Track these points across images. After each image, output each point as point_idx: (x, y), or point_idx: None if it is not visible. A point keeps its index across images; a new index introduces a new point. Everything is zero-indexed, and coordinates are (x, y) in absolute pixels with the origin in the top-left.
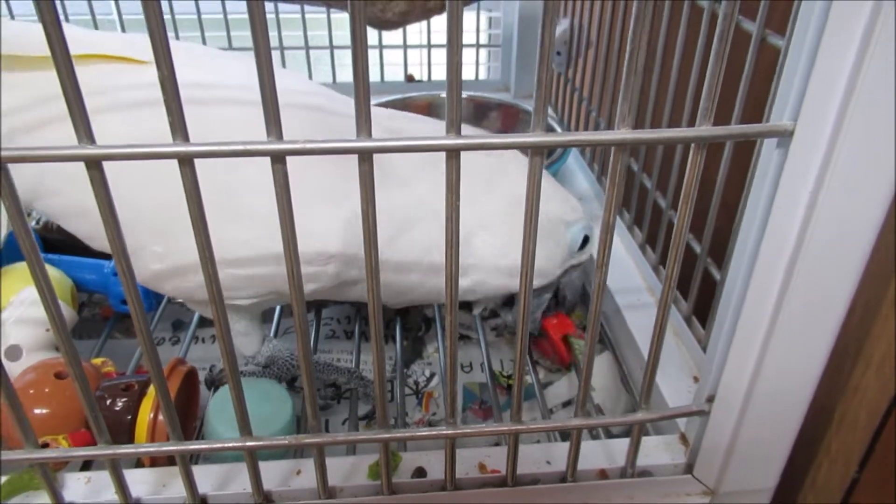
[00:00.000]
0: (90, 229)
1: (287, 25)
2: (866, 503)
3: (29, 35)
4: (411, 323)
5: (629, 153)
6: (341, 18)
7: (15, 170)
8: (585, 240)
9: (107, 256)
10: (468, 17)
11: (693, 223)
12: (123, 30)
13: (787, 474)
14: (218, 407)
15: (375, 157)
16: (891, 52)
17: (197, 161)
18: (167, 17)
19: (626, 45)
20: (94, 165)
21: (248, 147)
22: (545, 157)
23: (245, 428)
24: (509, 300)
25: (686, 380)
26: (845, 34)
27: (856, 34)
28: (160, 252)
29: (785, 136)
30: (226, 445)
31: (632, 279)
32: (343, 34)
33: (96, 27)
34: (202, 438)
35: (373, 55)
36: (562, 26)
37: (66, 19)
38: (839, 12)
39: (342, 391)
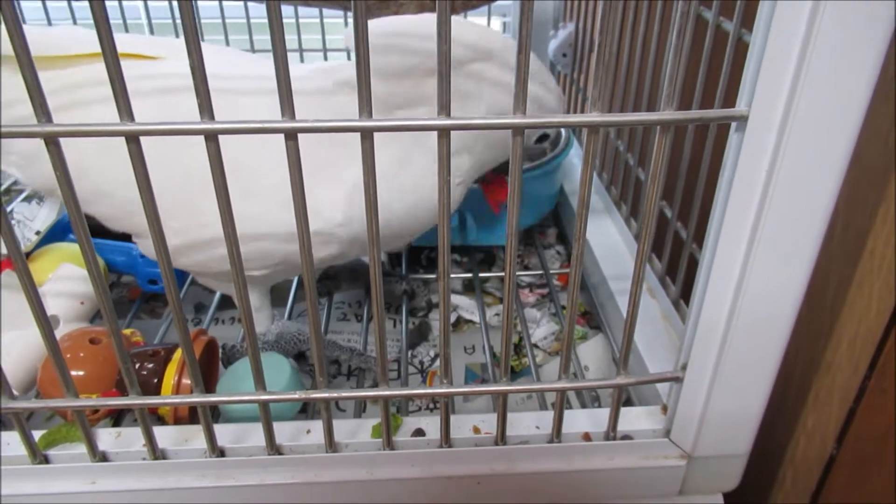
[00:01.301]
0: (111, 211)
1: (306, 29)
2: (845, 480)
3: (52, 38)
4: (417, 307)
5: (601, 135)
6: None
7: (40, 159)
8: (544, 137)
9: (128, 238)
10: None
11: (681, 209)
12: (152, 31)
13: (766, 449)
14: (227, 385)
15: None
16: (832, 41)
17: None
18: None
19: (627, 46)
20: (134, 140)
21: (265, 125)
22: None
23: (260, 383)
24: None
25: (674, 361)
26: (790, 24)
27: (800, 24)
28: (176, 227)
29: (741, 121)
30: (242, 398)
31: (626, 267)
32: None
33: (126, 30)
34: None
35: None
36: (567, 29)
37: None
38: (784, 4)
39: (351, 370)
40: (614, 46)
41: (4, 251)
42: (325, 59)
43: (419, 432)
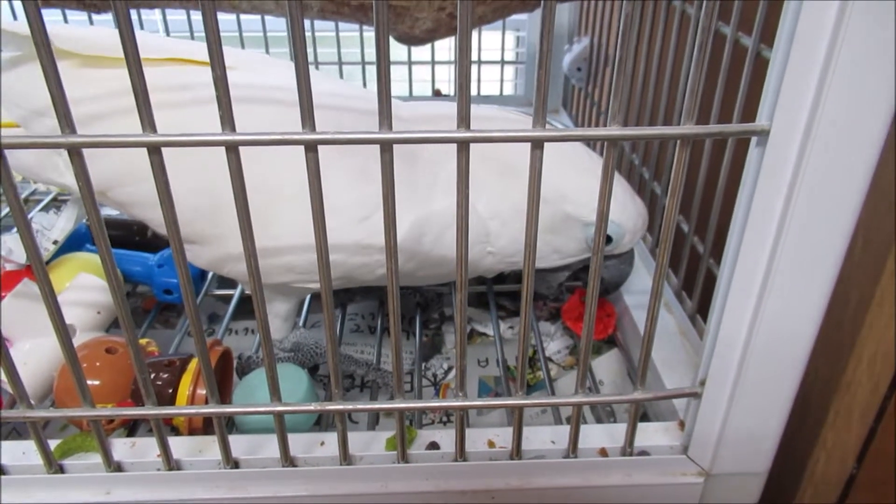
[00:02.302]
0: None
1: (322, 42)
2: (865, 499)
3: (108, 38)
4: (431, 319)
5: (619, 148)
6: (373, 36)
7: (96, 159)
8: (609, 239)
9: (144, 248)
10: (494, 35)
11: (698, 224)
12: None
13: (786, 467)
14: (242, 394)
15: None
16: (856, 55)
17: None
18: None
19: (643, 60)
20: (155, 151)
21: (286, 137)
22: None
23: (275, 394)
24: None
25: (691, 376)
26: (814, 37)
27: (824, 37)
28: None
29: (762, 136)
30: (258, 409)
31: (641, 281)
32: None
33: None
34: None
35: (402, 70)
36: (582, 43)
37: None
38: (807, 20)
39: (365, 382)
40: (632, 60)
41: (21, 261)
42: (340, 71)
43: (433, 445)
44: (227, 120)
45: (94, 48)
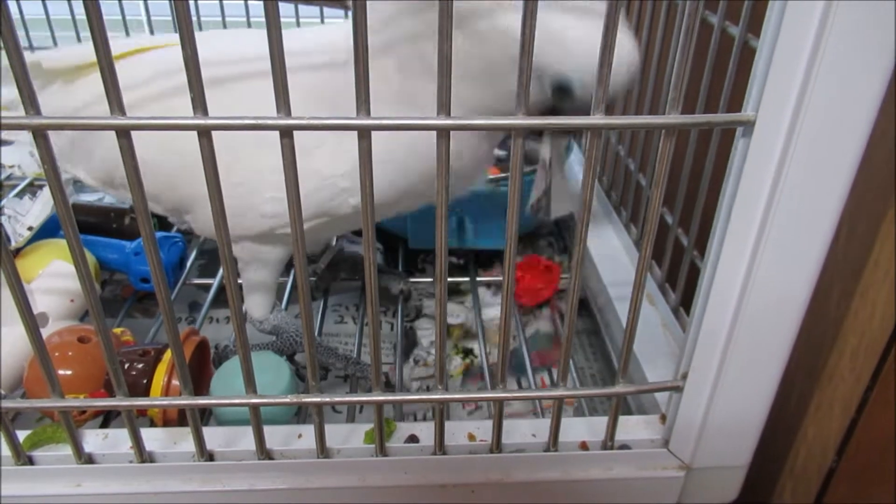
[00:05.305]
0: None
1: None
2: (844, 492)
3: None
4: (412, 308)
5: (603, 137)
6: None
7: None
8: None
9: (121, 235)
10: None
11: (682, 216)
12: (152, 30)
13: (766, 460)
14: (220, 382)
15: None
16: (842, 46)
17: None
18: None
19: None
20: (124, 134)
21: (259, 122)
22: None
23: (250, 386)
24: None
25: (673, 369)
26: (800, 28)
27: (810, 27)
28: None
29: (747, 126)
30: (233, 401)
31: (625, 273)
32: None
33: (126, 29)
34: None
35: None
36: None
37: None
38: (794, 9)
39: (348, 376)
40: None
41: None
42: None
43: (413, 439)
44: (199, 104)
45: (78, 59)
